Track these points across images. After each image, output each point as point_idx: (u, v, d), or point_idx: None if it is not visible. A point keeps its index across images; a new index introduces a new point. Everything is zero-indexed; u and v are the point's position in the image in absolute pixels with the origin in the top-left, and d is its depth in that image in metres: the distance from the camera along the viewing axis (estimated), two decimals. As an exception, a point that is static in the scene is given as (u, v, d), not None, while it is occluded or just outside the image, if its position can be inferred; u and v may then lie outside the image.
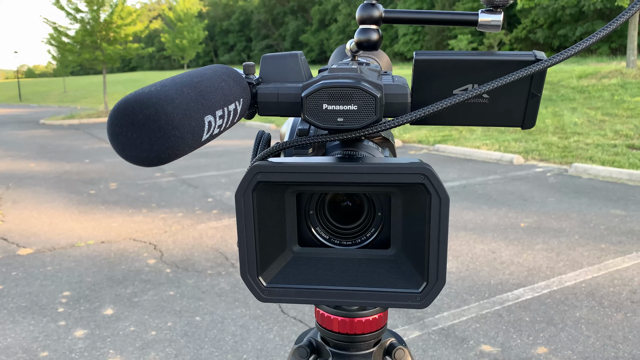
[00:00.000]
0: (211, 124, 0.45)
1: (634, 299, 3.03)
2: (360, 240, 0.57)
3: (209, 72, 0.49)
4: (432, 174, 0.48)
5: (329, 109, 0.51)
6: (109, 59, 17.89)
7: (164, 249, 4.07)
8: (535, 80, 0.56)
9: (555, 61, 0.51)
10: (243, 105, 0.52)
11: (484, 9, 0.58)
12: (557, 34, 29.80)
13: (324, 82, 0.51)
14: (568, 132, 8.55)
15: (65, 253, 4.06)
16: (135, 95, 0.40)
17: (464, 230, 4.30)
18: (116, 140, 0.40)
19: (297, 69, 0.58)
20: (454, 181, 6.13)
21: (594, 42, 0.51)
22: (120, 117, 0.40)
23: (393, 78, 0.58)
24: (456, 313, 2.92)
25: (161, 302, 3.16)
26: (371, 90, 0.50)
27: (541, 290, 3.18)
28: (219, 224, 4.70)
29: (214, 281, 3.44)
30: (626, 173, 6.06)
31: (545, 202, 5.09)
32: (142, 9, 24.36)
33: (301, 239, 0.57)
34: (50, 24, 18.02)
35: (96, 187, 6.43)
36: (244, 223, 0.51)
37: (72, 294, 3.30)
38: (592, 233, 4.16)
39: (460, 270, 3.49)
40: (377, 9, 0.61)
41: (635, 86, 11.10)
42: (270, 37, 63.18)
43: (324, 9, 53.60)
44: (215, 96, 0.46)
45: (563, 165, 6.90)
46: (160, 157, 0.41)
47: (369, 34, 0.61)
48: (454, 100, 0.51)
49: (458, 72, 0.56)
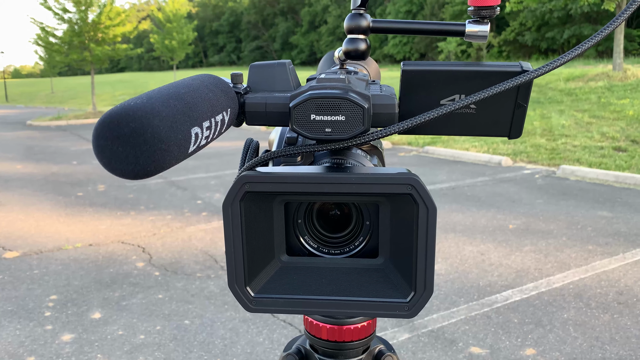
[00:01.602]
0: (198, 135, 0.45)
1: (620, 300, 3.06)
2: (349, 249, 0.57)
3: (196, 82, 0.48)
4: (419, 184, 0.48)
5: (316, 120, 0.51)
6: (97, 59, 17.75)
7: (153, 252, 4.05)
8: (522, 91, 0.56)
9: (541, 72, 0.51)
10: (231, 115, 0.52)
11: (470, 20, 0.59)
12: (545, 36, 30.06)
13: (311, 93, 0.51)
14: (556, 134, 8.63)
15: (52, 256, 4.02)
16: (121, 108, 0.40)
17: (453, 232, 4.32)
18: (102, 154, 0.40)
19: (285, 78, 0.58)
20: (443, 183, 6.16)
21: (577, 55, 0.51)
22: (106, 130, 0.39)
23: (381, 88, 0.58)
24: (445, 315, 2.93)
25: (150, 306, 3.13)
26: (359, 101, 0.50)
27: (529, 291, 3.20)
28: (208, 226, 4.68)
29: (203, 284, 3.42)
30: (613, 175, 6.13)
31: (534, 204, 5.13)
32: (130, 9, 24.24)
33: (289, 248, 0.57)
34: (38, 24, 17.85)
35: (84, 189, 6.38)
36: (232, 233, 0.50)
37: (59, 298, 3.27)
38: (580, 235, 4.20)
39: (449, 272, 3.51)
40: (365, 18, 0.62)
41: (621, 89, 11.23)
42: (260, 39, 63.09)
43: (313, 11, 53.64)
44: (202, 107, 0.46)
45: (551, 167, 6.96)
46: (146, 170, 0.40)
47: (356, 44, 0.62)
48: (441, 111, 0.51)
49: (445, 83, 0.56)
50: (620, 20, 0.50)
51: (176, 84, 0.46)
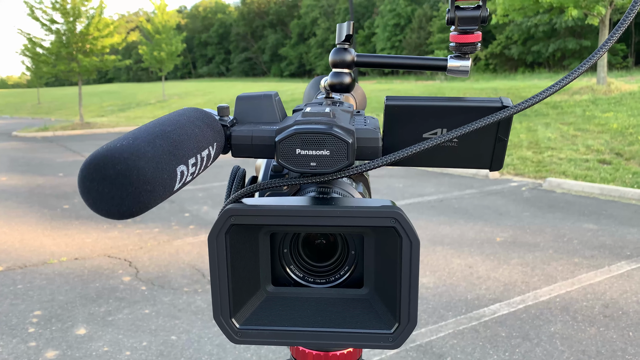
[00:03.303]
0: (184, 173, 0.45)
1: (606, 313, 3.09)
2: (334, 278, 0.57)
3: (183, 119, 0.49)
4: (402, 218, 0.48)
5: (302, 154, 0.51)
6: (84, 70, 17.66)
7: (140, 266, 4.01)
8: (502, 126, 0.58)
9: (521, 108, 0.53)
10: (217, 148, 0.52)
11: (452, 55, 0.60)
12: (531, 50, 30.57)
13: (297, 128, 0.51)
14: (542, 146, 8.73)
15: (36, 270, 3.96)
16: (107, 149, 0.40)
17: (441, 245, 4.34)
18: (87, 195, 0.40)
19: (272, 110, 0.58)
20: (431, 195, 6.19)
21: (556, 91, 0.53)
22: (92, 172, 0.39)
23: (365, 120, 0.59)
24: (434, 329, 2.93)
25: (136, 321, 3.10)
26: (343, 136, 0.51)
27: (517, 305, 3.22)
28: (196, 239, 4.65)
29: (190, 299, 3.39)
30: (598, 187, 6.21)
31: (521, 217, 5.17)
32: (119, 20, 24.20)
33: (275, 279, 0.57)
34: (25, 35, 17.75)
35: (70, 202, 6.31)
36: (217, 265, 0.50)
37: (43, 314, 3.22)
38: (566, 247, 4.23)
39: (437, 286, 3.51)
40: (349, 53, 0.63)
41: (605, 102, 11.42)
42: (249, 50, 63.26)
43: (303, 23, 54.00)
44: (188, 144, 0.46)
45: (537, 179, 7.03)
46: (131, 211, 0.41)
47: (341, 78, 0.63)
48: (423, 145, 0.52)
49: (427, 117, 0.57)
50: (601, 52, 0.51)
51: (162, 121, 0.47)
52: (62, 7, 17.09)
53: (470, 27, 0.55)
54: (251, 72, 63.08)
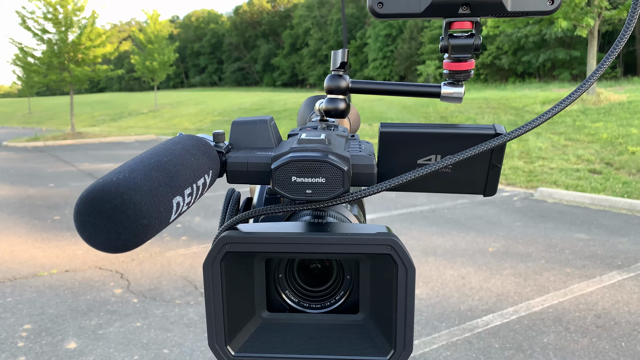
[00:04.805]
0: (179, 204, 0.45)
1: (598, 323, 3.10)
2: (330, 303, 0.57)
3: (179, 147, 0.49)
4: (398, 245, 0.49)
5: (297, 182, 0.52)
6: (76, 80, 17.59)
7: (131, 278, 3.97)
8: (496, 153, 0.58)
9: (513, 136, 0.53)
10: (212, 176, 0.52)
11: (446, 82, 0.61)
12: (521, 60, 30.91)
13: (292, 155, 0.52)
14: (533, 156, 8.79)
15: (26, 283, 3.92)
16: (103, 183, 0.40)
17: (434, 256, 4.34)
18: (83, 229, 0.40)
19: (267, 135, 0.58)
20: (424, 205, 6.20)
21: (548, 119, 0.53)
22: (88, 207, 0.39)
23: (360, 145, 0.60)
24: (427, 341, 2.93)
25: (127, 334, 3.06)
26: (338, 164, 0.51)
27: (510, 316, 3.22)
28: (188, 251, 4.62)
29: (182, 311, 3.37)
30: (589, 197, 6.25)
31: (512, 227, 5.20)
32: (112, 30, 24.16)
33: (270, 304, 0.57)
34: (16, 44, 17.68)
35: (61, 213, 6.26)
36: (212, 293, 0.50)
37: (33, 327, 3.18)
38: (558, 257, 4.25)
39: (430, 297, 3.51)
40: (344, 79, 0.64)
41: (595, 112, 11.54)
42: (242, 60, 63.42)
43: (295, 33, 54.26)
44: (184, 175, 0.46)
45: (529, 189, 7.08)
46: (127, 245, 0.41)
47: (336, 104, 0.64)
48: (419, 172, 0.52)
49: (421, 144, 0.58)
50: (591, 81, 0.52)
51: (158, 151, 0.47)
52: (54, 17, 17.06)
53: (463, 55, 0.56)
54: (244, 82, 63.19)
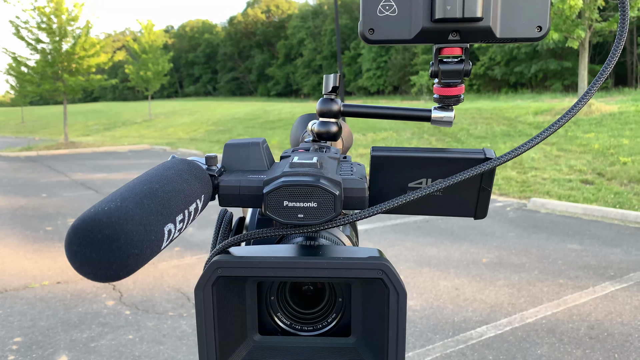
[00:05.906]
0: (171, 231, 0.45)
1: (592, 334, 3.10)
2: (322, 325, 0.57)
3: (171, 173, 0.49)
4: (389, 269, 0.49)
5: (289, 206, 0.52)
6: (70, 90, 17.55)
7: (124, 290, 3.95)
8: (486, 177, 0.59)
9: (503, 161, 0.54)
10: (204, 200, 0.52)
11: (436, 107, 0.62)
12: (514, 70, 31.18)
13: (284, 180, 0.52)
14: (526, 166, 8.84)
15: (17, 295, 3.88)
16: (95, 213, 0.40)
17: (428, 267, 4.34)
18: (74, 258, 0.40)
19: (259, 158, 0.59)
20: (417, 216, 6.21)
21: (538, 142, 0.54)
22: (79, 237, 0.40)
23: (352, 168, 0.60)
24: (421, 353, 2.92)
25: (119, 347, 3.04)
26: (330, 189, 0.51)
27: (503, 327, 3.22)
28: (181, 262, 4.60)
29: (175, 323, 3.34)
30: (581, 207, 6.28)
31: (506, 237, 5.21)
32: (106, 40, 24.19)
33: (262, 327, 0.57)
34: (10, 54, 17.64)
35: (53, 223, 6.22)
36: (204, 317, 0.50)
37: (23, 340, 3.14)
38: (551, 268, 4.26)
39: (424, 308, 3.51)
40: (336, 103, 0.65)
41: (586, 123, 11.63)
42: (236, 70, 63.56)
43: (289, 44, 54.48)
44: (176, 201, 0.46)
45: (522, 199, 7.11)
46: (119, 274, 0.41)
47: (328, 127, 0.66)
48: (411, 196, 0.53)
49: (412, 168, 0.58)
50: (584, 101, 0.53)
51: (150, 178, 0.47)
52: (49, 26, 17.06)
53: (453, 80, 0.56)
54: (238, 92, 63.29)
